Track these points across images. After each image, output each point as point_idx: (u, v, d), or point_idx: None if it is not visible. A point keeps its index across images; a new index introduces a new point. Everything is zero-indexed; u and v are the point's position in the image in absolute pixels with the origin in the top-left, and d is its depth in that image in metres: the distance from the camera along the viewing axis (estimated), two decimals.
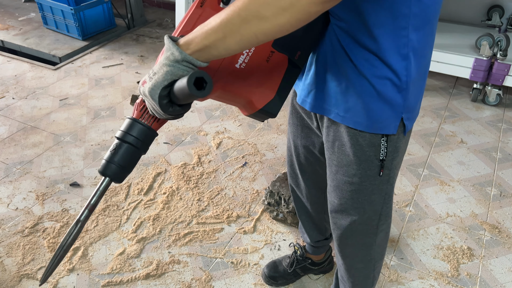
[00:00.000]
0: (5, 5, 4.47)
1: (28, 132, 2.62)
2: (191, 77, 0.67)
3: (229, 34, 0.68)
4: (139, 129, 0.83)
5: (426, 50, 0.94)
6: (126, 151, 0.82)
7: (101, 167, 0.83)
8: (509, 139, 2.49)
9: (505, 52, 2.61)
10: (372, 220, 1.16)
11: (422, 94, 1.03)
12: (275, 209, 1.98)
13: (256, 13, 0.65)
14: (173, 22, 4.02)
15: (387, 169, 1.06)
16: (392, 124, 0.98)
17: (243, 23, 0.67)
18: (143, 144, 0.84)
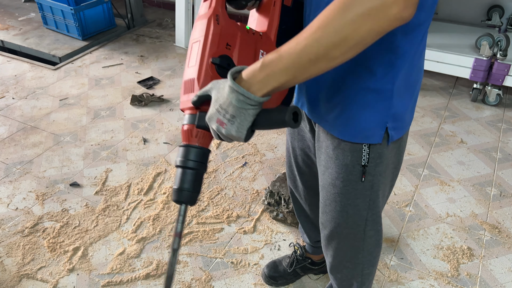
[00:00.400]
0: (5, 5, 4.47)
1: (28, 132, 2.62)
2: (289, 113, 0.75)
3: (299, 74, 0.73)
4: (195, 153, 0.87)
5: (416, 55, 0.91)
6: (190, 176, 0.87)
7: (175, 196, 0.88)
8: (509, 139, 2.49)
9: (505, 52, 2.61)
10: (358, 225, 1.15)
11: (414, 101, 1.00)
12: (275, 209, 1.98)
13: (326, 55, 0.70)
14: (173, 22, 4.02)
15: (369, 175, 1.04)
16: (377, 134, 0.97)
17: (313, 64, 0.71)
18: (202, 164, 0.89)
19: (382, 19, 0.66)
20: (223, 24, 0.89)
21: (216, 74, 0.87)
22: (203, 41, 0.88)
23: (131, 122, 2.70)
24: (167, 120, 2.72)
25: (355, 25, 0.66)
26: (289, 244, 1.87)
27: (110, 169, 2.32)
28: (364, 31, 0.67)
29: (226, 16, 0.91)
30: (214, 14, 0.89)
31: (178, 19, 3.57)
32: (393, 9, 0.65)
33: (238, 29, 0.92)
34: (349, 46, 0.69)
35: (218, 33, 0.88)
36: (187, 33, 3.57)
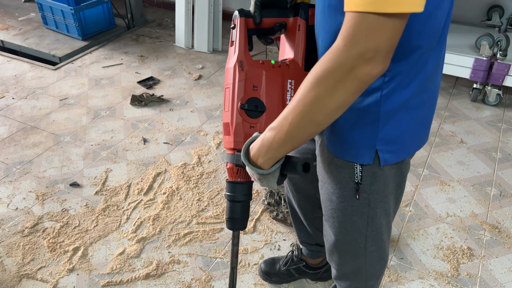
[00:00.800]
0: (5, 5, 4.47)
1: (28, 132, 2.62)
2: (298, 166, 0.87)
3: (295, 141, 0.81)
4: (242, 188, 1.01)
5: (415, 80, 0.87)
6: (239, 207, 1.02)
7: (229, 225, 1.04)
8: (509, 139, 2.49)
9: (505, 52, 2.61)
10: (358, 242, 1.13)
11: (419, 124, 0.95)
12: (275, 209, 1.98)
13: (312, 122, 0.76)
14: (173, 22, 4.02)
15: (365, 193, 1.02)
16: (366, 155, 0.95)
17: (302, 131, 0.79)
18: (248, 195, 1.03)
19: (353, 82, 0.70)
20: (247, 69, 0.99)
21: (246, 116, 0.98)
22: (231, 88, 1.00)
23: (131, 122, 2.70)
24: (167, 120, 2.72)
25: (328, 94, 0.72)
26: (291, 244, 1.87)
27: (110, 169, 2.32)
28: (339, 97, 0.72)
29: (249, 59, 1.00)
30: (238, 61, 1.00)
31: (178, 19, 3.57)
32: (361, 71, 0.69)
33: (262, 68, 1.00)
34: (329, 112, 0.74)
35: (243, 79, 0.99)
36: (187, 33, 3.57)
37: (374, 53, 0.68)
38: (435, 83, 0.93)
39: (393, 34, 0.67)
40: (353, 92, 0.72)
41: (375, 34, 0.67)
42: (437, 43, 0.85)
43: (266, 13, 1.03)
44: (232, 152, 1.00)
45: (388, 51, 0.69)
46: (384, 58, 0.69)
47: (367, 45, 0.67)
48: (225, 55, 3.50)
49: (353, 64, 0.69)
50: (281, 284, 1.74)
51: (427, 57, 0.85)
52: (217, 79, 3.17)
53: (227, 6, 4.11)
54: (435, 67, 0.89)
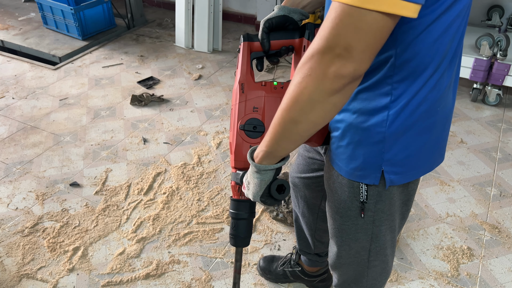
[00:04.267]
0: (5, 5, 4.47)
1: (28, 132, 2.62)
2: (272, 185, 0.90)
3: (280, 140, 0.81)
4: (244, 206, 1.06)
5: (426, 101, 0.84)
6: (243, 225, 1.06)
7: (232, 242, 1.07)
8: (509, 139, 2.49)
9: (505, 52, 2.61)
10: (361, 255, 1.12)
11: (423, 149, 0.91)
12: (275, 209, 1.98)
13: (291, 120, 0.76)
14: (173, 22, 4.02)
15: (370, 211, 1.00)
16: (372, 175, 0.93)
17: (286, 131, 0.78)
18: (251, 213, 1.07)
19: (323, 79, 0.68)
20: (247, 91, 1.04)
21: (246, 136, 1.02)
22: (233, 109, 1.06)
23: (131, 122, 2.70)
24: (167, 120, 2.72)
25: (300, 88, 0.70)
26: (293, 246, 1.87)
27: (110, 169, 2.32)
28: (309, 92, 0.70)
29: (250, 82, 1.05)
30: (240, 84, 1.05)
31: (178, 19, 3.57)
32: (331, 67, 0.66)
33: (263, 90, 1.04)
34: (305, 110, 0.73)
35: (243, 100, 1.04)
36: (187, 33, 3.57)
37: (343, 50, 0.65)
38: (448, 104, 0.89)
39: (369, 34, 0.64)
40: (322, 89, 0.69)
41: (348, 30, 0.63)
42: (449, 64, 0.82)
43: (273, 36, 1.05)
44: (234, 171, 1.04)
45: (361, 53, 0.65)
46: (357, 60, 0.66)
47: (336, 40, 0.64)
48: (225, 55, 3.50)
49: (320, 58, 0.66)
50: (276, 282, 1.74)
51: (438, 77, 0.82)
52: (217, 79, 3.17)
53: (227, 6, 4.11)
54: (447, 87, 0.86)
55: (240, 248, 1.10)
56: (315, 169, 1.28)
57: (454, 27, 0.77)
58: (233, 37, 3.83)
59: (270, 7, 3.69)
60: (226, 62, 3.39)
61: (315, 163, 1.27)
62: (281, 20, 1.03)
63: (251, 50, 1.07)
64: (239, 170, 1.02)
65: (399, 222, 1.10)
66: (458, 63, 0.89)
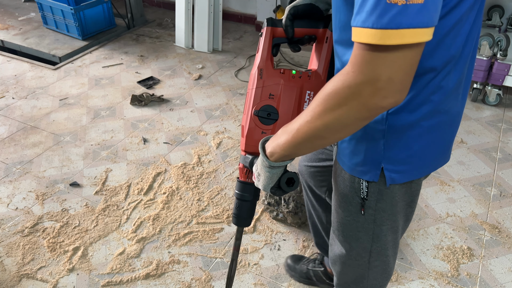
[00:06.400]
0: (5, 5, 4.47)
1: (28, 132, 2.62)
2: (282, 178, 0.92)
3: (300, 148, 0.83)
4: (249, 188, 1.07)
5: (428, 102, 0.84)
6: (246, 206, 1.09)
7: (234, 221, 1.11)
8: (509, 139, 2.49)
9: (505, 52, 2.61)
10: (362, 257, 1.13)
11: (427, 149, 0.91)
12: (275, 209, 1.98)
13: (316, 135, 0.77)
14: (173, 22, 4.02)
15: (370, 209, 1.00)
16: (372, 172, 0.94)
17: (307, 140, 0.80)
18: (255, 196, 1.09)
19: (360, 109, 0.69)
20: (265, 77, 1.04)
21: (259, 122, 1.04)
22: (249, 94, 1.06)
23: (131, 122, 2.70)
24: (167, 120, 2.72)
25: (334, 114, 0.71)
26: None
27: (110, 169, 2.32)
28: (344, 119, 0.71)
29: (270, 69, 1.04)
30: (258, 69, 1.05)
31: (178, 19, 3.57)
32: (372, 99, 0.67)
33: (281, 77, 1.04)
34: (334, 131, 0.75)
35: (260, 87, 1.05)
36: (187, 33, 3.57)
37: (385, 83, 0.65)
38: (455, 106, 0.89)
39: (404, 65, 0.65)
40: (357, 117, 0.71)
41: (383, 65, 0.64)
42: (454, 65, 0.82)
43: (297, 23, 1.05)
44: (244, 154, 1.05)
45: (401, 82, 0.66)
46: (398, 90, 0.67)
47: (375, 74, 0.65)
48: (225, 55, 3.50)
49: (360, 90, 0.67)
50: (299, 282, 1.73)
51: (442, 79, 0.82)
52: (217, 79, 3.17)
53: (227, 6, 4.11)
54: (454, 89, 0.85)
55: (241, 228, 1.13)
56: (322, 159, 1.30)
57: (458, 30, 0.77)
58: (233, 37, 3.83)
59: (270, 7, 3.69)
60: (226, 62, 3.39)
61: (323, 152, 1.28)
62: (307, 8, 1.03)
63: (273, 36, 1.06)
64: (249, 154, 1.04)
65: (403, 224, 1.10)
66: (469, 66, 0.88)
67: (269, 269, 1.79)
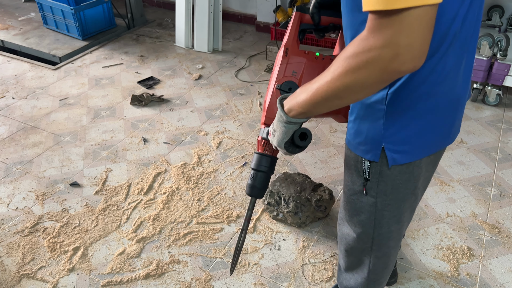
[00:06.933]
0: (5, 5, 4.47)
1: (28, 132, 2.62)
2: (296, 133, 0.96)
3: (318, 106, 0.86)
4: (266, 160, 1.12)
5: (425, 83, 0.86)
6: (261, 177, 1.12)
7: (248, 191, 1.15)
8: (509, 139, 2.49)
9: (505, 52, 2.61)
10: (364, 242, 1.15)
11: (426, 129, 0.93)
12: (275, 209, 1.98)
13: (334, 94, 0.80)
14: (173, 22, 4.02)
15: (372, 191, 1.03)
16: (372, 152, 0.97)
17: (326, 99, 0.82)
18: (271, 169, 1.13)
19: (379, 72, 0.70)
20: (290, 56, 1.12)
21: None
22: (274, 70, 1.13)
23: (131, 122, 2.70)
24: (167, 120, 2.72)
25: (354, 75, 0.73)
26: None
27: (110, 169, 2.32)
28: (363, 81, 0.73)
29: (295, 48, 1.12)
30: (284, 48, 1.12)
31: (178, 19, 3.57)
32: (391, 64, 0.68)
33: (305, 57, 1.12)
34: (353, 92, 0.77)
35: (285, 63, 1.12)
36: (187, 33, 3.57)
37: (404, 49, 0.67)
38: (455, 89, 0.90)
39: (420, 28, 0.66)
40: (376, 80, 0.73)
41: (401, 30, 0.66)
42: (449, 46, 0.83)
43: (323, 12, 1.11)
44: (263, 127, 1.11)
45: (420, 48, 0.67)
46: (417, 56, 0.68)
47: (394, 40, 0.66)
48: (225, 55, 3.50)
49: (380, 54, 0.68)
50: None
51: (437, 61, 0.84)
52: (217, 79, 3.17)
53: (227, 6, 4.11)
54: (451, 71, 0.87)
55: (254, 198, 1.17)
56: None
57: (452, 9, 0.78)
58: (233, 37, 3.83)
59: (270, 7, 3.69)
60: (226, 62, 3.39)
61: None
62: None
63: (301, 21, 1.13)
64: (268, 126, 1.08)
65: (407, 216, 1.11)
66: (469, 50, 0.89)
67: (269, 269, 1.79)
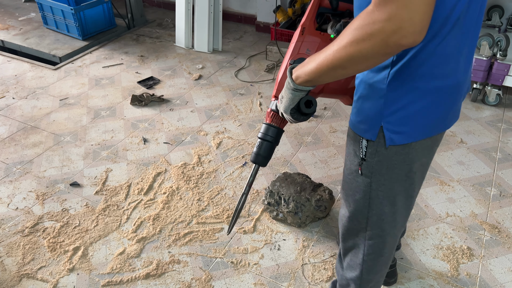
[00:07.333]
0: (5, 5, 4.47)
1: (28, 132, 2.62)
2: (302, 100, 1.02)
3: (323, 75, 0.90)
4: (272, 130, 1.18)
5: (425, 64, 0.89)
6: (266, 146, 1.19)
7: (252, 158, 1.21)
8: (509, 139, 2.49)
9: (504, 52, 2.61)
10: (360, 222, 1.17)
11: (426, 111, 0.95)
12: (275, 209, 1.99)
13: (339, 64, 0.84)
14: (173, 22, 4.02)
15: (367, 171, 1.06)
16: (371, 130, 1.00)
17: (331, 68, 0.86)
18: (276, 139, 1.19)
19: (381, 44, 0.74)
20: (306, 34, 1.18)
21: None
22: (290, 46, 1.20)
23: (131, 122, 2.70)
24: (167, 120, 2.72)
25: (358, 46, 0.77)
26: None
27: (110, 169, 2.32)
28: (366, 52, 0.77)
29: (312, 28, 1.18)
30: (301, 27, 1.18)
31: (178, 19, 3.57)
32: (393, 37, 0.72)
33: (320, 38, 1.18)
34: (356, 62, 0.80)
35: (300, 41, 1.19)
36: (187, 33, 3.57)
37: (405, 23, 0.70)
38: (456, 74, 0.93)
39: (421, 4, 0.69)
40: (378, 52, 0.76)
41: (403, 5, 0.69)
42: (450, 30, 0.85)
43: None
44: (273, 100, 1.16)
45: (420, 23, 0.70)
46: (417, 31, 0.71)
47: (396, 13, 0.69)
48: (225, 55, 3.50)
49: (383, 27, 0.72)
50: None
51: (438, 43, 0.86)
52: (217, 79, 3.17)
53: (227, 6, 4.11)
54: (452, 55, 0.89)
55: (257, 166, 1.23)
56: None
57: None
58: (233, 37, 3.83)
59: (270, 7, 3.70)
60: (226, 62, 3.39)
61: None
62: None
63: (320, 5, 1.18)
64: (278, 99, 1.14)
65: (403, 201, 1.11)
66: (471, 38, 0.92)
67: (269, 269, 1.80)
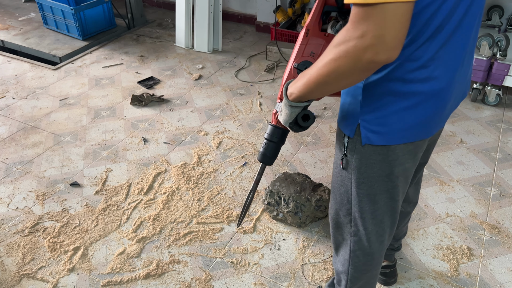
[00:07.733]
0: (5, 5, 4.47)
1: (28, 132, 2.62)
2: (299, 114, 1.05)
3: (312, 91, 0.94)
4: (278, 132, 1.20)
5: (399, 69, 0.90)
6: (272, 147, 1.22)
7: (259, 158, 1.25)
8: (508, 139, 2.49)
9: (504, 52, 2.61)
10: (344, 216, 1.19)
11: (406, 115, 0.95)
12: (275, 209, 1.99)
13: (323, 81, 0.87)
14: (173, 22, 4.02)
15: (349, 167, 1.08)
16: (350, 127, 1.03)
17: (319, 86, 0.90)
18: (281, 140, 1.22)
19: (356, 61, 0.76)
20: (311, 36, 1.18)
21: (297, 74, 1.16)
22: (294, 49, 1.20)
23: (131, 122, 2.70)
24: (167, 120, 2.72)
25: (336, 63, 0.80)
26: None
27: (110, 169, 2.32)
28: (344, 69, 0.79)
29: (316, 30, 1.19)
30: (306, 29, 1.18)
31: (178, 19, 3.57)
32: (365, 54, 0.74)
33: (325, 40, 1.19)
34: (335, 78, 0.83)
35: (304, 44, 1.19)
36: (187, 33, 3.57)
37: (376, 40, 0.71)
38: (436, 80, 0.91)
39: (394, 22, 0.70)
40: (354, 68, 0.78)
41: (375, 22, 0.70)
42: (427, 38, 0.85)
43: None
44: (278, 101, 1.18)
45: (392, 40, 0.72)
46: (390, 47, 0.72)
47: (367, 30, 0.71)
48: (225, 55, 3.50)
49: (356, 44, 0.74)
50: None
51: (413, 50, 0.87)
52: (217, 79, 3.17)
53: (227, 6, 4.11)
54: (429, 61, 0.88)
55: (264, 165, 1.28)
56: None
57: (432, 3, 0.80)
58: (233, 37, 3.83)
59: (270, 7, 3.70)
60: (226, 62, 3.39)
61: None
62: None
63: (325, 3, 1.18)
64: None
65: (385, 200, 1.12)
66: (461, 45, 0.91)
67: (269, 269, 1.80)
